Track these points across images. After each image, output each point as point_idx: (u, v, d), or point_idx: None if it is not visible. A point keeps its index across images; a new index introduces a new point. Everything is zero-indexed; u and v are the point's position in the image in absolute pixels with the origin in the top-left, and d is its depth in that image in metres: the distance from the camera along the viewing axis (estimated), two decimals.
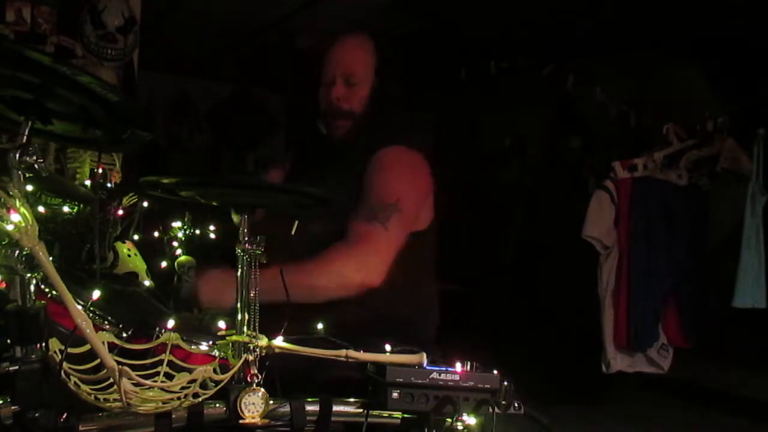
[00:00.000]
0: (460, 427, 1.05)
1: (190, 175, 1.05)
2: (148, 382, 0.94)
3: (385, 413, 1.10)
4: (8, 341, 0.89)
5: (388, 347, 1.11)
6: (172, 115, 5.83)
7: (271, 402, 1.02)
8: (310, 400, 1.07)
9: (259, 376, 1.02)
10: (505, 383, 1.09)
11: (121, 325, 1.20)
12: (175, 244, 2.05)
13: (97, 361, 0.90)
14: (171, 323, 1.16)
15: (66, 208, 1.56)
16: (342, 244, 1.52)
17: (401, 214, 1.54)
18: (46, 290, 1.13)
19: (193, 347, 1.17)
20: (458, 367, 1.08)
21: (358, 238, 1.52)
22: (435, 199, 1.73)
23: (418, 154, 1.67)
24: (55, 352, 0.92)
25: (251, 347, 1.03)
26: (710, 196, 3.56)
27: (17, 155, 0.91)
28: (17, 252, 0.87)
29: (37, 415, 0.87)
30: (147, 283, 1.65)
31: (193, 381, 0.96)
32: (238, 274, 1.07)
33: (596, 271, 3.50)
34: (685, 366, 3.66)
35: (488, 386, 1.08)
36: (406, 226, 1.58)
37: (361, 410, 1.09)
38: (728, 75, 3.95)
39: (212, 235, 2.18)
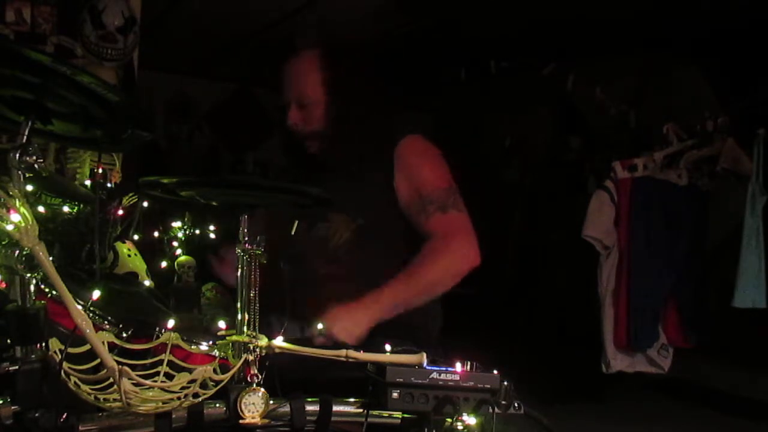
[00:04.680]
0: (460, 427, 1.05)
1: (190, 175, 1.05)
2: (148, 382, 0.94)
3: (385, 413, 1.10)
4: (8, 341, 0.89)
5: (388, 347, 1.11)
6: (172, 115, 5.82)
7: (271, 402, 1.02)
8: (310, 400, 1.07)
9: (259, 376, 1.02)
10: (505, 383, 1.09)
11: (121, 325, 1.20)
12: (175, 244, 2.05)
13: (97, 361, 0.90)
14: (171, 323, 1.16)
15: (66, 208, 1.56)
16: (437, 240, 1.59)
17: (458, 194, 1.65)
18: (46, 290, 1.13)
19: (193, 347, 1.17)
20: (458, 367, 1.08)
21: (448, 231, 1.59)
22: None
23: (427, 140, 1.73)
24: (55, 352, 0.92)
25: (251, 347, 1.03)
26: (710, 196, 3.56)
27: (17, 155, 0.90)
28: (17, 252, 0.87)
29: (37, 415, 0.87)
30: (147, 283, 1.65)
31: (193, 381, 0.96)
32: (238, 274, 1.07)
33: (596, 271, 3.50)
34: (685, 366, 3.66)
35: (488, 386, 1.08)
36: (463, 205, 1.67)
37: (361, 410, 1.09)
38: (728, 75, 3.94)
39: (212, 235, 2.18)
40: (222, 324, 1.18)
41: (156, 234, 2.04)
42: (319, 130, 1.69)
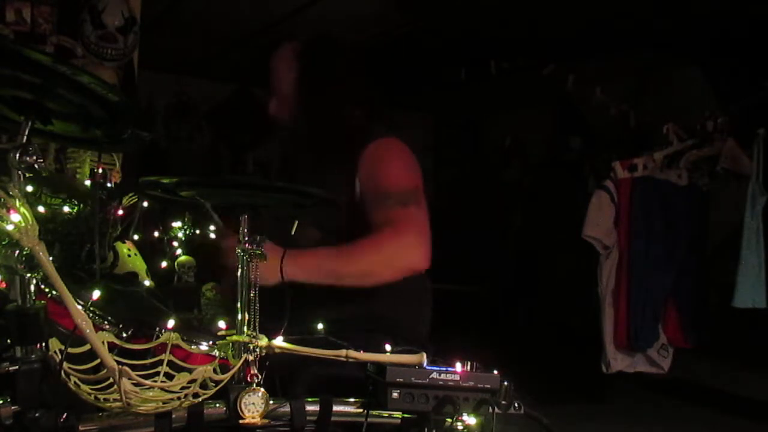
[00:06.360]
0: (460, 427, 1.05)
1: (190, 175, 1.05)
2: (148, 382, 0.94)
3: (385, 413, 1.10)
4: (8, 341, 0.89)
5: (388, 347, 1.11)
6: (172, 115, 5.82)
7: (271, 402, 1.02)
8: (310, 400, 1.07)
9: (259, 376, 1.02)
10: (505, 383, 1.09)
11: (121, 325, 1.21)
12: (175, 244, 2.05)
13: (97, 361, 0.90)
14: (171, 323, 1.16)
15: (66, 208, 1.56)
16: (389, 230, 1.49)
17: (423, 195, 1.56)
18: (46, 290, 1.14)
19: (193, 347, 1.17)
20: (458, 367, 1.08)
21: (400, 223, 1.49)
22: (432, 197, 1.72)
23: (403, 143, 1.65)
24: (55, 352, 0.92)
25: (251, 347, 1.03)
26: (710, 196, 3.56)
27: (17, 155, 0.90)
28: (17, 252, 0.87)
29: (37, 415, 0.87)
30: (147, 283, 1.65)
31: (193, 381, 0.96)
32: (238, 274, 1.07)
33: (596, 271, 3.50)
34: (685, 366, 3.66)
35: (488, 386, 1.08)
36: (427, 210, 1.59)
37: (361, 410, 1.09)
38: (728, 75, 3.94)
39: (212, 235, 2.18)
40: (222, 324, 1.18)
41: (156, 234, 2.04)
42: (289, 123, 1.71)
